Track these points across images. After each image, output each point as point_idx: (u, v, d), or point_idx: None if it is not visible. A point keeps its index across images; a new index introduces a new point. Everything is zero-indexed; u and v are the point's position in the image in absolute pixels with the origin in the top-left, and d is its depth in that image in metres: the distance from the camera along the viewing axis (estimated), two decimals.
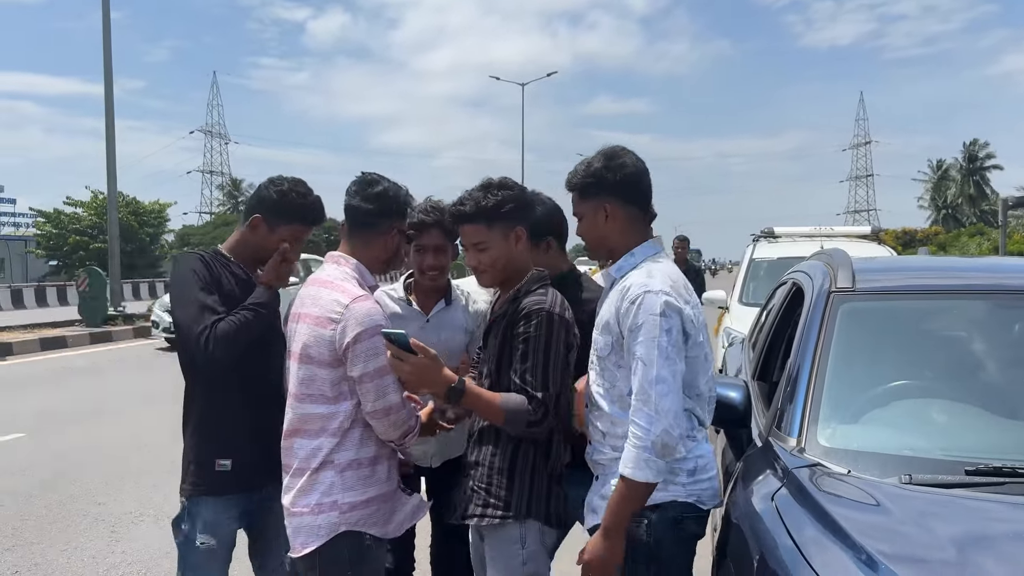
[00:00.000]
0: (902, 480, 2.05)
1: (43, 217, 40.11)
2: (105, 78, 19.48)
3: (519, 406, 2.33)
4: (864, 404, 2.50)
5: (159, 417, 8.70)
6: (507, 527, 2.41)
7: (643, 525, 2.25)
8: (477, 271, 2.50)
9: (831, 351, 2.56)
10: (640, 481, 2.14)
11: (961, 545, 1.76)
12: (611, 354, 2.31)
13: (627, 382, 2.26)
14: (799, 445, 2.30)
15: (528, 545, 2.41)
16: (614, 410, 2.32)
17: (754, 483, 2.30)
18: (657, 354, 2.16)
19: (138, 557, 4.73)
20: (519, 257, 2.49)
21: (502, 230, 2.45)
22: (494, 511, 2.41)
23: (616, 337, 2.29)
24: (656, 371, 2.15)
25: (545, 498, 2.43)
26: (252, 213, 2.73)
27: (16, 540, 5.02)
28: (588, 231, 2.44)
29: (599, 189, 2.39)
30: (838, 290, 2.78)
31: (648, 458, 2.12)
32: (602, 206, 2.39)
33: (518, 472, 2.42)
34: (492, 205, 2.42)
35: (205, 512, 2.65)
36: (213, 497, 2.64)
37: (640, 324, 2.19)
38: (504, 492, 2.41)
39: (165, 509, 5.60)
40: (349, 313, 2.31)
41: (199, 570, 2.68)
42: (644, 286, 2.23)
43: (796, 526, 1.91)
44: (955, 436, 2.42)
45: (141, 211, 40.30)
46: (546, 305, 2.39)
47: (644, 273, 2.29)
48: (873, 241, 9.13)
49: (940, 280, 3.09)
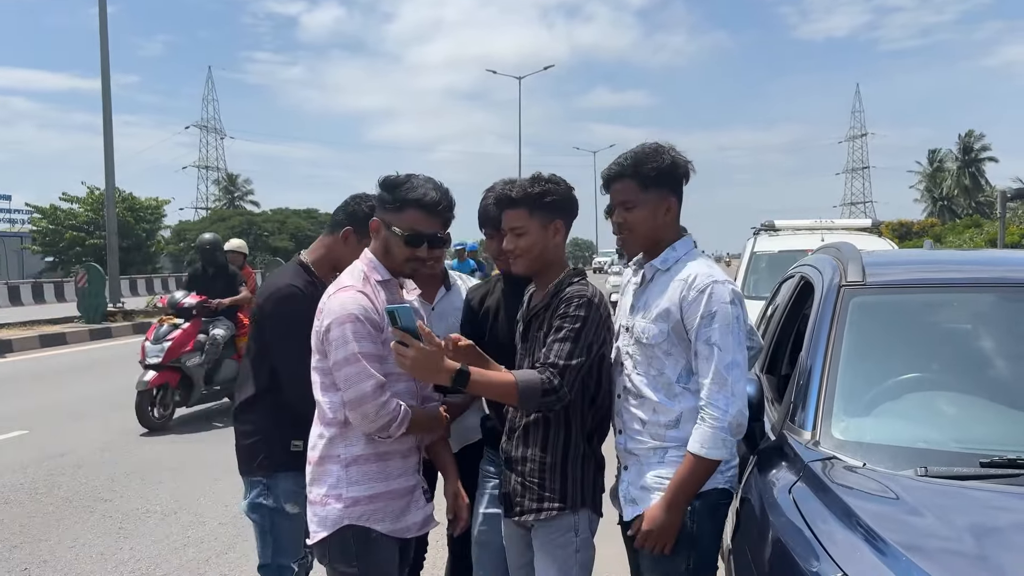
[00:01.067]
0: (918, 472, 2.07)
1: (39, 213, 39.97)
2: (102, 75, 19.43)
3: (532, 379, 2.35)
4: (877, 397, 2.51)
5: None
6: (561, 517, 2.47)
7: (687, 512, 2.33)
8: (512, 255, 2.56)
9: (843, 345, 2.57)
10: (714, 459, 2.27)
11: (980, 537, 1.77)
12: (664, 341, 2.39)
13: (675, 369, 2.39)
14: (814, 438, 2.31)
15: (580, 533, 2.49)
16: (660, 397, 2.40)
17: (770, 476, 2.32)
18: (732, 340, 2.30)
19: (147, 553, 4.75)
20: (554, 250, 2.57)
21: (542, 219, 2.52)
22: (550, 504, 2.47)
23: (675, 324, 2.37)
24: (732, 356, 2.29)
25: (593, 486, 2.53)
26: (343, 226, 2.89)
27: (24, 537, 5.03)
28: (644, 222, 2.47)
29: (667, 182, 2.46)
30: (848, 284, 2.79)
31: (725, 438, 2.26)
32: (666, 199, 2.47)
33: (570, 463, 2.49)
34: (537, 193, 2.50)
35: (284, 484, 2.83)
36: (294, 472, 2.73)
37: (714, 312, 2.31)
38: (559, 485, 2.48)
39: (171, 505, 5.63)
40: (327, 304, 2.42)
41: (292, 534, 2.83)
42: (710, 276, 2.36)
43: (815, 518, 1.92)
44: (968, 428, 2.44)
45: (137, 207, 40.17)
46: (588, 293, 2.46)
47: (704, 264, 2.42)
48: (874, 234, 9.15)
49: (950, 274, 3.11)
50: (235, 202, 76.93)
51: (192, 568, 4.53)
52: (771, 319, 4.16)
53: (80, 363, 13.08)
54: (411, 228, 2.48)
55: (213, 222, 59.30)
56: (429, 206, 2.49)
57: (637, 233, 2.49)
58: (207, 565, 4.57)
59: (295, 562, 2.87)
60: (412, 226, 2.48)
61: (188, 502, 5.70)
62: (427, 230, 2.50)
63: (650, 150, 2.46)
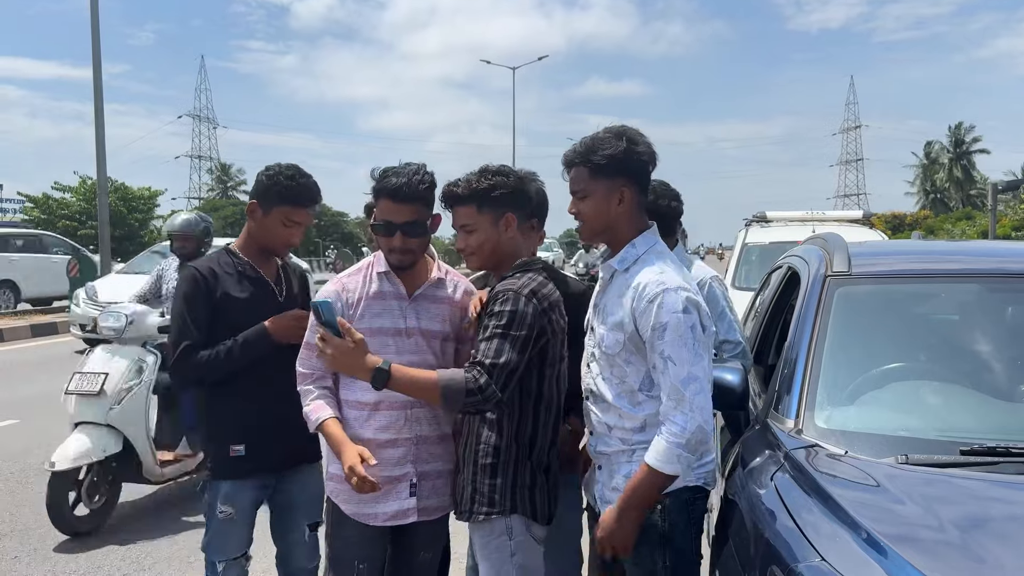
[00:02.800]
0: (898, 460, 2.09)
1: (31, 202, 39.80)
2: (94, 64, 19.30)
3: (456, 377, 2.27)
4: (860, 386, 2.53)
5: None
6: (493, 521, 2.41)
7: (658, 511, 2.30)
8: (464, 253, 2.52)
9: (827, 334, 2.59)
10: (666, 474, 2.17)
11: (960, 524, 1.79)
12: (622, 351, 2.30)
13: (637, 377, 2.30)
14: (797, 427, 2.33)
15: (515, 535, 2.41)
16: (623, 404, 2.33)
17: (753, 464, 2.34)
18: (686, 352, 2.16)
19: (138, 541, 4.75)
20: (508, 243, 2.49)
21: (492, 214, 2.46)
22: (479, 507, 2.42)
23: (630, 335, 2.27)
24: (688, 369, 2.15)
25: (529, 490, 2.43)
26: (250, 201, 2.92)
27: (13, 526, 5.03)
28: (596, 213, 2.35)
29: (620, 170, 2.31)
30: (834, 274, 2.81)
31: (680, 454, 2.14)
32: (619, 189, 2.32)
33: (501, 466, 2.42)
34: (484, 188, 2.44)
35: (224, 487, 2.92)
36: (232, 480, 2.91)
37: (665, 323, 2.18)
38: (487, 488, 2.41)
39: (161, 494, 5.63)
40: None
41: (221, 535, 2.95)
42: (661, 284, 2.22)
43: (796, 507, 1.94)
44: (950, 417, 2.46)
45: (130, 197, 40.01)
46: (515, 287, 2.37)
47: (656, 271, 2.26)
48: (865, 225, 9.18)
49: (935, 264, 3.12)
50: (228, 192, 76.66)
51: (182, 557, 4.54)
52: (758, 310, 4.18)
53: (71, 353, 13.04)
54: (381, 217, 2.50)
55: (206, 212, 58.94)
56: (392, 192, 2.47)
57: (589, 224, 2.38)
58: (197, 553, 4.52)
59: (221, 561, 2.96)
60: (382, 215, 2.50)
61: (179, 491, 5.70)
62: (396, 219, 2.48)
63: (606, 136, 2.32)
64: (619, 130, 2.34)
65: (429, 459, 2.58)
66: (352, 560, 2.57)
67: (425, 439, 2.57)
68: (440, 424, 2.60)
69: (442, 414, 2.57)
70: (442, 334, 2.62)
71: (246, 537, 3.00)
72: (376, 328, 2.53)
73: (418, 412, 2.55)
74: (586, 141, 2.35)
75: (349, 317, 2.50)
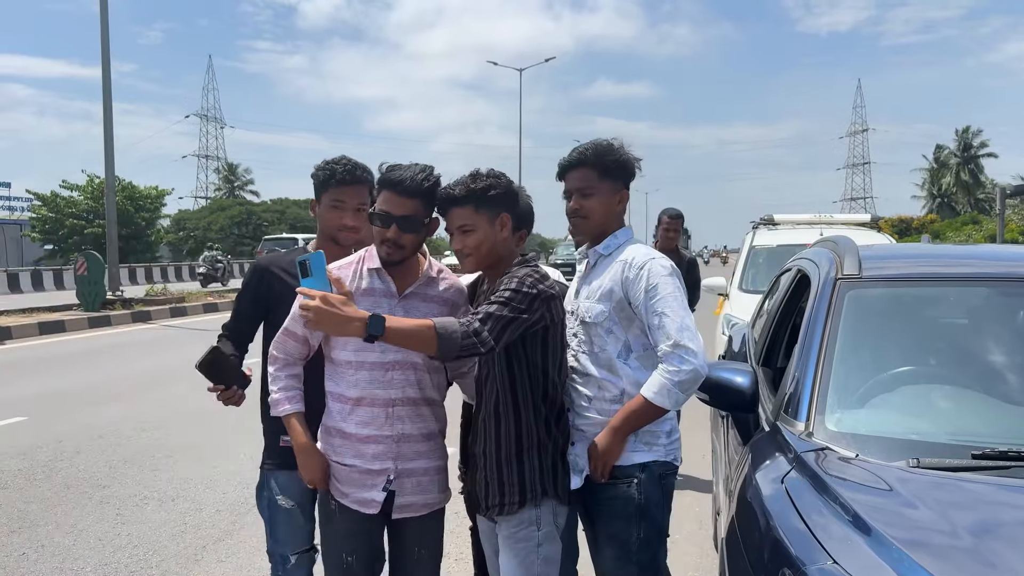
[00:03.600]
0: (910, 464, 2.08)
1: (39, 200, 39.96)
2: (103, 63, 19.38)
3: (451, 322, 2.28)
4: (871, 389, 2.52)
5: (158, 401, 8.76)
6: (523, 511, 2.47)
7: (633, 484, 2.54)
8: (461, 254, 2.54)
9: (838, 337, 2.58)
10: (657, 406, 2.45)
11: (972, 529, 1.78)
12: (606, 320, 2.57)
13: (616, 346, 2.58)
14: (807, 429, 2.33)
15: (543, 527, 2.48)
16: (603, 374, 2.58)
17: (763, 467, 2.33)
18: (676, 305, 2.49)
19: (143, 539, 4.77)
20: (503, 244, 2.55)
21: (488, 215, 2.50)
22: (511, 498, 2.47)
23: (618, 302, 2.56)
24: (680, 320, 2.47)
25: (552, 473, 2.50)
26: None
27: (22, 522, 5.05)
28: (600, 210, 2.66)
29: (622, 175, 2.68)
30: (844, 277, 2.80)
31: (671, 390, 2.44)
32: (619, 191, 2.68)
33: (525, 452, 2.47)
34: (480, 188, 2.49)
35: (279, 477, 2.89)
36: (286, 470, 2.83)
37: (655, 284, 2.51)
38: (516, 478, 2.47)
39: (168, 492, 5.65)
40: None
41: (286, 525, 2.90)
42: (647, 255, 2.59)
43: (807, 509, 1.93)
44: (961, 421, 2.45)
45: (137, 196, 40.15)
46: (519, 275, 2.44)
47: (642, 247, 2.65)
48: (872, 229, 9.16)
49: (946, 268, 3.11)
50: (235, 191, 76.86)
51: (189, 555, 4.56)
52: (767, 312, 4.17)
53: (79, 351, 13.09)
54: (381, 208, 2.53)
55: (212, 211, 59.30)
56: (394, 184, 2.50)
57: (592, 220, 2.66)
58: (204, 552, 4.60)
59: (293, 553, 2.89)
60: (381, 205, 2.53)
61: (185, 489, 5.72)
62: (395, 211, 2.50)
63: (608, 144, 2.66)
64: (614, 140, 2.68)
65: (413, 456, 2.60)
66: (340, 552, 2.63)
67: (408, 437, 2.59)
68: (425, 422, 2.62)
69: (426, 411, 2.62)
70: None
71: (311, 529, 2.94)
72: None
73: (400, 410, 2.57)
74: (592, 146, 2.67)
75: None
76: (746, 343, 4.28)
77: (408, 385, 2.58)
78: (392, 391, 2.56)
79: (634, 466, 2.54)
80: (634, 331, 2.57)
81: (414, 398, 2.59)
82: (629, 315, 2.55)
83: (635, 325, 2.57)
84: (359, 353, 2.53)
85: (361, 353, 2.52)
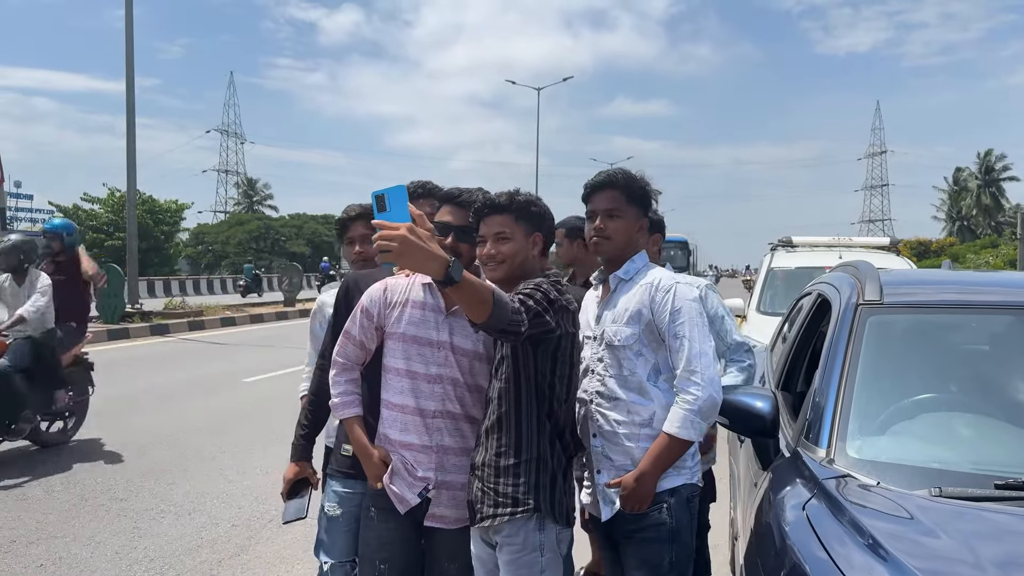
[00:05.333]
0: (932, 492, 2.07)
1: (61, 212, 40.40)
2: (127, 78, 19.64)
3: (505, 295, 2.29)
4: (893, 416, 2.51)
5: (176, 414, 8.81)
6: (525, 532, 2.45)
7: (664, 510, 2.56)
8: (493, 260, 2.56)
9: (859, 363, 2.57)
10: (684, 439, 2.49)
11: (996, 560, 1.76)
12: (635, 343, 2.60)
13: (645, 369, 2.61)
14: (828, 456, 2.32)
15: (547, 552, 2.46)
16: (633, 397, 2.60)
17: (784, 493, 2.32)
18: (697, 332, 2.55)
19: (160, 553, 4.78)
20: (532, 262, 2.60)
21: (525, 228, 2.57)
22: (503, 509, 2.45)
23: (646, 325, 2.60)
24: (699, 346, 2.53)
25: (549, 490, 2.48)
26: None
27: (40, 534, 5.08)
28: (623, 233, 2.70)
29: (645, 203, 2.77)
30: (866, 303, 2.79)
31: (694, 420, 2.48)
32: (643, 218, 2.76)
33: (523, 465, 2.47)
34: (523, 201, 2.58)
35: (335, 485, 2.99)
36: (342, 476, 2.97)
37: (679, 308, 2.56)
38: (511, 489, 2.45)
39: (185, 506, 5.67)
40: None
41: (327, 534, 3.00)
42: (673, 279, 2.65)
43: (828, 537, 1.92)
44: (984, 450, 2.44)
45: (157, 209, 40.56)
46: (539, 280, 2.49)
47: (665, 271, 2.71)
48: (891, 252, 9.11)
49: (968, 295, 3.10)
50: (254, 206, 77.47)
51: (205, 570, 4.57)
52: (787, 336, 4.16)
53: (98, 363, 13.11)
54: (439, 220, 2.70)
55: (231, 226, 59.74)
56: (453, 198, 2.72)
57: (615, 241, 2.70)
58: (220, 567, 4.61)
59: (327, 561, 2.98)
60: (440, 218, 2.71)
61: (202, 503, 5.75)
62: (453, 221, 2.68)
63: (634, 172, 2.77)
64: (640, 172, 2.79)
65: (453, 469, 2.63)
66: (374, 560, 2.68)
67: (448, 449, 2.63)
68: (465, 438, 2.65)
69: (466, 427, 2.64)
70: (473, 352, 2.66)
71: (352, 543, 2.95)
72: (410, 336, 2.63)
73: (439, 422, 2.62)
74: (620, 171, 2.77)
75: (387, 317, 2.67)
76: (765, 367, 4.27)
77: (448, 399, 2.63)
78: (432, 403, 2.62)
79: (664, 491, 2.56)
80: (663, 352, 2.61)
81: (454, 412, 2.64)
82: (657, 337, 2.60)
83: (663, 347, 2.60)
84: (409, 362, 2.63)
85: (410, 362, 2.62)
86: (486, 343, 2.66)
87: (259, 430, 7.95)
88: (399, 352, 2.65)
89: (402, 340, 2.64)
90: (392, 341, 2.68)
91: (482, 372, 2.67)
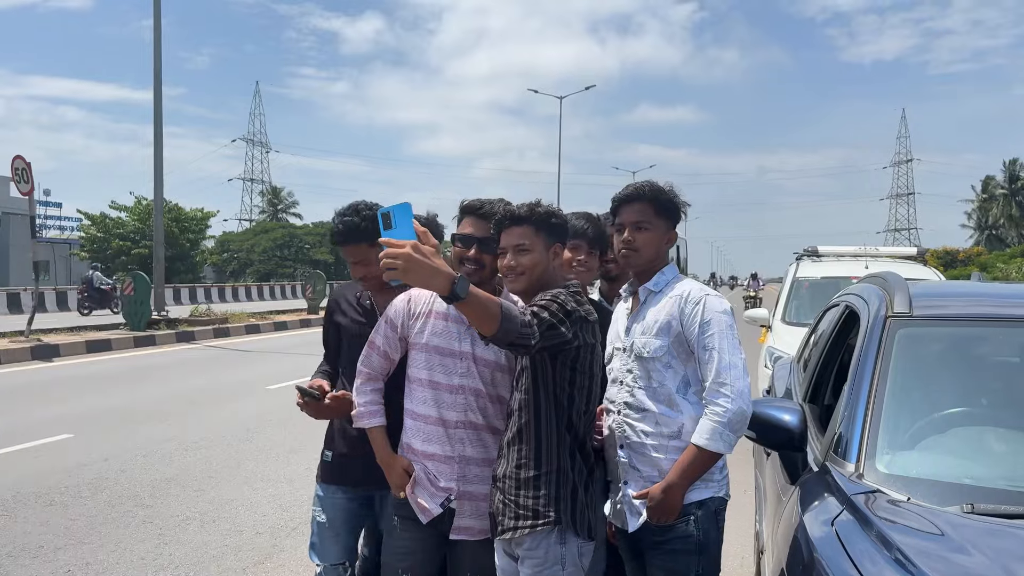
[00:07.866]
0: (964, 509, 2.04)
1: (89, 220, 40.88)
2: (155, 88, 19.89)
3: (514, 307, 2.26)
4: (923, 431, 2.48)
5: (201, 421, 8.87)
6: (546, 545, 2.44)
7: (691, 522, 2.54)
8: (513, 272, 2.55)
9: (888, 377, 2.54)
10: (713, 451, 2.47)
11: None
12: (665, 355, 2.59)
13: (675, 381, 2.59)
14: (858, 471, 2.29)
15: (568, 566, 2.45)
16: (662, 409, 2.59)
17: (812, 508, 2.29)
18: (727, 344, 2.53)
19: (185, 560, 4.82)
20: (551, 273, 2.59)
21: (545, 240, 2.56)
22: (523, 522, 2.45)
23: (676, 336, 2.59)
24: (729, 358, 2.51)
25: (570, 502, 2.46)
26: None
27: (68, 539, 5.14)
28: (652, 245, 2.69)
29: (674, 216, 2.75)
30: (895, 315, 2.76)
31: (723, 432, 2.46)
32: (670, 231, 2.75)
33: (543, 477, 2.46)
34: (543, 213, 2.57)
35: (317, 489, 3.10)
36: (322, 483, 3.09)
37: (709, 320, 2.55)
38: (531, 501, 2.45)
39: (210, 513, 5.71)
40: None
41: (318, 538, 3.09)
42: (703, 290, 2.64)
43: (858, 554, 1.89)
44: (1018, 465, 2.39)
45: (183, 217, 40.91)
46: (556, 291, 2.47)
47: (695, 283, 2.68)
48: (919, 262, 9.00)
49: (998, 308, 3.05)
50: (278, 214, 78.02)
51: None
52: (814, 348, 4.12)
53: (124, 370, 13.32)
54: (462, 232, 2.72)
55: (256, 234, 60.20)
56: (475, 209, 2.72)
57: (643, 253, 2.69)
58: (244, 574, 4.63)
59: (319, 564, 3.06)
60: (463, 230, 2.72)
61: (227, 511, 5.78)
62: (476, 232, 2.68)
63: (663, 185, 2.74)
64: (669, 184, 2.76)
65: (475, 480, 2.65)
66: (396, 568, 2.71)
67: (470, 460, 2.65)
68: (487, 449, 2.66)
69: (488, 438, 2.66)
70: (495, 363, 2.68)
71: (342, 547, 3.05)
72: (433, 346, 2.67)
73: (460, 433, 2.64)
74: (649, 184, 2.74)
75: (410, 328, 2.71)
76: (791, 378, 4.23)
77: (470, 410, 2.65)
78: (454, 413, 2.65)
79: (692, 504, 2.54)
80: (692, 365, 2.59)
81: (476, 423, 2.66)
82: (687, 349, 2.58)
83: (693, 359, 2.59)
84: (431, 372, 2.66)
85: (432, 373, 2.66)
86: (508, 354, 2.66)
87: (283, 438, 7.98)
88: (422, 362, 2.68)
89: (425, 351, 2.68)
90: (415, 351, 2.71)
91: (504, 383, 2.67)
